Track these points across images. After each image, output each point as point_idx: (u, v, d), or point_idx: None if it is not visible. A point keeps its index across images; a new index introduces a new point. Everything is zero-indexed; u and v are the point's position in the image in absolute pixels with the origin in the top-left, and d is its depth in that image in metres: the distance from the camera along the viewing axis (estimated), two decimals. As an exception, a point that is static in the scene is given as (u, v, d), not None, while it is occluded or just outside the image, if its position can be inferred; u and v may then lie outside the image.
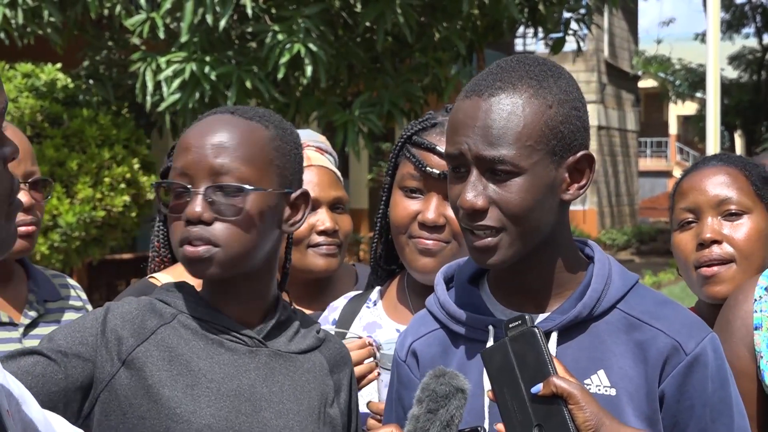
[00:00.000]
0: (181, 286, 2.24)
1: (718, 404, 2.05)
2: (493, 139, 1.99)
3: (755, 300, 2.39)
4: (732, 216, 2.76)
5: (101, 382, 2.08)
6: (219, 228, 2.13)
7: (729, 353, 2.38)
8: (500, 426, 1.94)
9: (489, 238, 2.02)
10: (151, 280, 2.92)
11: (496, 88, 2.02)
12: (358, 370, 2.49)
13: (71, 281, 3.23)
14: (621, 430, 1.90)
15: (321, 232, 3.08)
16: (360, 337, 2.61)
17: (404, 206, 2.67)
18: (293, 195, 2.25)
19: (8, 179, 1.62)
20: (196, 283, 2.66)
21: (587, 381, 2.03)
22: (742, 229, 2.75)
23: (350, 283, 3.24)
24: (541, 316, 2.09)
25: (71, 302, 3.17)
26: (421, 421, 1.93)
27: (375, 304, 2.81)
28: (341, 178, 3.22)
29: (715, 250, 2.74)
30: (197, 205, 2.12)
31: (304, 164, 3.10)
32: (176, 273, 2.71)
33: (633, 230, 30.91)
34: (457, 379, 1.95)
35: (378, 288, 2.84)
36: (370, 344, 2.53)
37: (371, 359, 2.54)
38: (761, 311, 2.38)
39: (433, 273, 2.64)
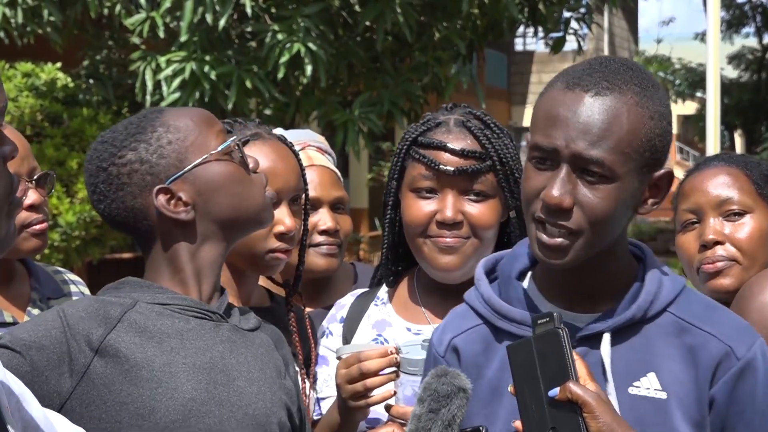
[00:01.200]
0: (129, 281, 2.25)
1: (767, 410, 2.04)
2: (594, 139, 1.95)
3: None
4: (734, 216, 2.76)
5: (76, 374, 2.08)
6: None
7: None
8: (518, 423, 1.92)
9: (562, 239, 1.98)
10: None
11: (603, 88, 1.98)
12: (377, 380, 2.47)
13: (73, 277, 3.21)
14: None
15: (322, 232, 3.09)
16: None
17: (419, 207, 2.66)
18: None
19: (8, 177, 1.62)
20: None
21: (637, 383, 2.01)
22: (744, 228, 2.75)
23: (349, 282, 3.25)
24: (592, 317, 2.06)
25: (74, 298, 3.15)
26: (423, 420, 1.93)
27: (384, 303, 2.80)
28: (341, 178, 3.22)
29: (718, 251, 2.74)
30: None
31: (305, 164, 3.12)
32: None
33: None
34: (459, 378, 1.95)
35: (386, 286, 2.83)
36: (392, 352, 2.47)
37: (391, 369, 2.48)
38: None
39: (456, 270, 2.65)
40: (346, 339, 2.79)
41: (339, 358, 2.62)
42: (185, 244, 2.23)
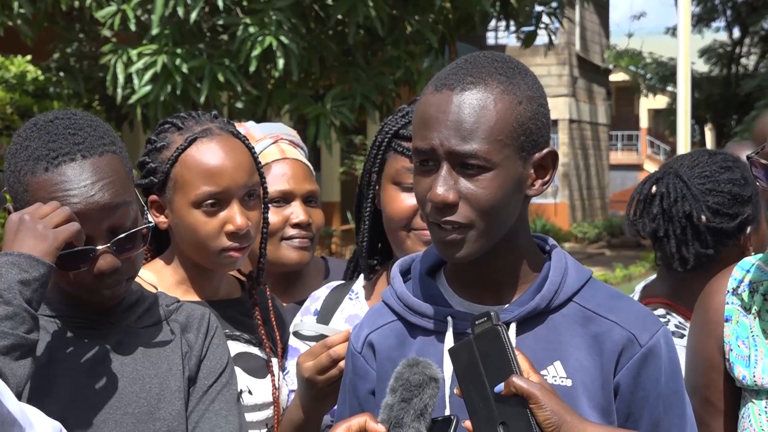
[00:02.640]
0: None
1: (671, 395, 2.10)
2: (465, 134, 2.01)
3: (728, 292, 2.40)
4: None
5: None
6: None
7: (700, 345, 2.40)
8: (468, 423, 1.95)
9: (455, 234, 2.03)
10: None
11: (468, 83, 2.03)
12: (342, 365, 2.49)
13: None
14: (583, 425, 1.92)
15: (294, 225, 3.09)
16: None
17: (402, 200, 2.66)
18: None
19: None
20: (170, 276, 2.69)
21: (544, 372, 2.06)
22: None
23: (320, 276, 3.25)
24: (499, 308, 2.11)
25: None
26: (395, 410, 1.94)
27: (358, 297, 2.80)
28: (314, 172, 3.22)
29: None
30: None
31: (278, 157, 3.11)
32: (155, 268, 2.71)
33: (604, 223, 31.01)
34: (430, 368, 1.96)
35: (362, 279, 2.83)
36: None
37: None
38: (732, 303, 2.39)
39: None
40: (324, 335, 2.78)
41: (296, 334, 2.62)
42: None
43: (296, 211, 3.09)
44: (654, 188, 3.01)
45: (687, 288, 2.95)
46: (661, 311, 2.98)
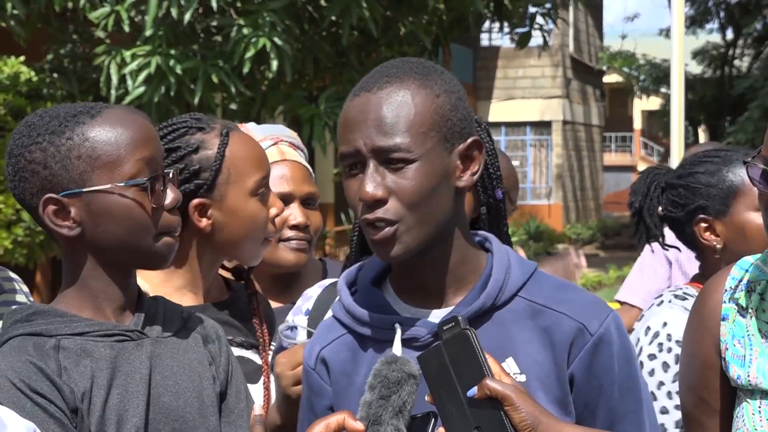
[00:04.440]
0: (39, 312, 2.19)
1: (626, 381, 2.11)
2: (387, 129, 2.03)
3: (725, 291, 2.40)
4: None
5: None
6: None
7: (696, 344, 2.40)
8: (442, 430, 1.94)
9: (387, 228, 2.03)
10: None
11: (384, 83, 2.07)
12: None
13: (12, 274, 3.12)
14: (559, 426, 1.93)
15: (292, 227, 3.09)
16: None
17: None
18: None
19: None
20: (159, 280, 2.65)
21: None
22: None
23: (318, 277, 3.24)
24: (446, 311, 2.11)
25: (17, 296, 3.08)
26: (374, 407, 1.95)
27: None
28: (313, 174, 3.22)
29: None
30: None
31: (277, 159, 3.11)
32: (144, 272, 2.68)
33: (598, 225, 31.04)
34: (408, 365, 1.97)
35: None
36: None
37: None
38: (729, 302, 2.39)
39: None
40: (312, 332, 2.78)
41: (281, 337, 2.63)
42: (84, 262, 2.19)
43: (294, 213, 3.09)
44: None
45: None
46: (692, 290, 3.05)
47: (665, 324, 2.97)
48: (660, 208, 3.09)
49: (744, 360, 2.32)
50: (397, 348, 2.07)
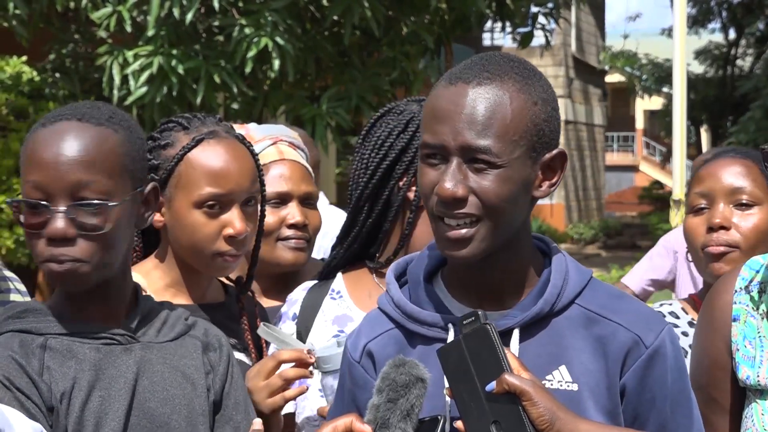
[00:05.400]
0: (31, 309, 2.21)
1: (678, 395, 2.08)
2: (480, 128, 1.98)
3: (735, 291, 2.40)
4: (743, 206, 2.90)
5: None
6: (83, 245, 2.12)
7: (706, 344, 2.40)
8: (459, 423, 1.94)
9: (465, 229, 2.00)
10: None
11: (484, 78, 2.00)
12: (294, 391, 2.50)
13: (6, 273, 3.13)
14: (576, 422, 1.92)
15: (291, 226, 3.09)
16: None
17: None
18: (145, 191, 2.25)
19: None
20: (160, 278, 2.65)
21: (549, 377, 2.04)
22: (751, 219, 2.88)
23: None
24: (501, 314, 2.08)
25: (11, 296, 3.08)
26: (381, 410, 1.94)
27: (341, 295, 2.78)
28: (313, 174, 3.22)
29: (723, 236, 2.87)
30: (60, 223, 2.11)
31: (276, 158, 3.11)
32: (143, 270, 2.69)
33: (600, 224, 31.01)
34: (417, 368, 1.96)
35: (340, 277, 2.81)
36: (309, 357, 2.49)
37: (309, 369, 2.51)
38: (740, 303, 2.39)
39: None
40: (301, 337, 2.77)
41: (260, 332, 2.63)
42: None
43: (293, 212, 3.09)
44: None
45: None
46: (676, 306, 3.03)
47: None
48: None
49: (754, 361, 2.32)
50: None
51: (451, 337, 2.07)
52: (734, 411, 2.38)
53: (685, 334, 2.93)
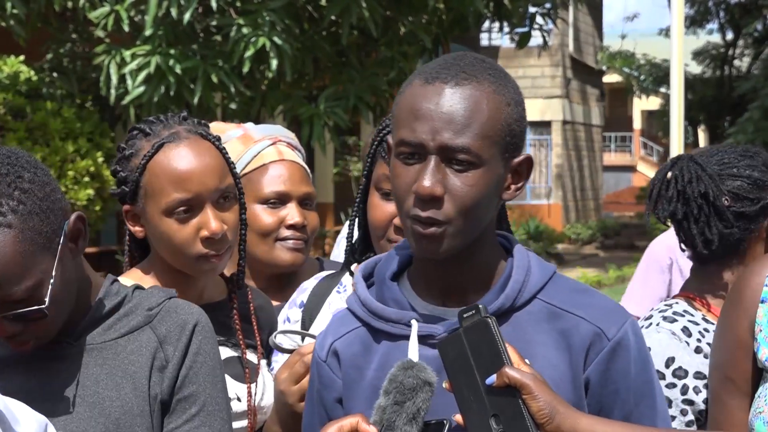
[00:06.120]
0: None
1: (642, 387, 2.10)
2: (459, 128, 1.99)
3: None
4: None
5: None
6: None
7: (732, 322, 2.42)
8: (459, 417, 1.95)
9: (435, 228, 2.01)
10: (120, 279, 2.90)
11: (462, 79, 2.02)
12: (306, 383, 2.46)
13: None
14: (576, 416, 1.93)
15: (289, 226, 3.08)
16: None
17: (382, 209, 2.65)
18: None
19: None
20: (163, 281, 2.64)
21: None
22: None
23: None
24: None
25: None
26: (388, 412, 1.94)
27: (346, 289, 2.79)
28: (310, 175, 3.22)
29: None
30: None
31: (275, 158, 3.11)
32: (135, 277, 2.68)
33: (597, 224, 31.03)
34: (425, 372, 1.96)
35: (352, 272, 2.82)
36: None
37: None
38: None
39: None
40: (305, 325, 2.77)
41: (274, 345, 2.62)
42: None
43: (291, 213, 3.09)
44: (669, 173, 3.00)
45: (711, 282, 2.95)
46: (683, 305, 2.97)
47: (649, 349, 2.96)
48: (726, 202, 2.96)
49: None
50: (413, 343, 2.06)
51: (414, 333, 2.07)
52: (748, 392, 2.39)
53: (706, 330, 2.89)
